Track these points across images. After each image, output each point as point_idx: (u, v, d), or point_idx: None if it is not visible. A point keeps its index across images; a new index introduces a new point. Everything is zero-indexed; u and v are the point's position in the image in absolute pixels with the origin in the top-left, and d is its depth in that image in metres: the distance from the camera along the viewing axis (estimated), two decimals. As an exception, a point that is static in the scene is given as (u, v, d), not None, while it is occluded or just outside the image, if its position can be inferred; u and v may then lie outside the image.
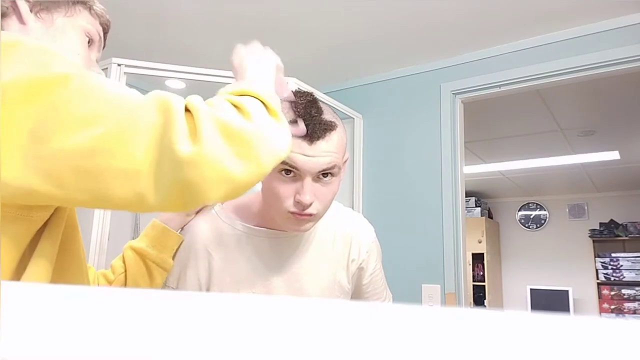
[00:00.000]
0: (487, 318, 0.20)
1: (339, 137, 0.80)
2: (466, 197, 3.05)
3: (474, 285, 5.39)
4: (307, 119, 0.77)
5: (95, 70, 0.71)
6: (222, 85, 0.60)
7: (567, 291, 5.37)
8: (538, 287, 5.58)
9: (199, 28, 2.05)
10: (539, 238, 5.84)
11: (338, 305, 0.22)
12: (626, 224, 5.25)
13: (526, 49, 2.06)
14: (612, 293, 5.09)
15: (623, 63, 1.86)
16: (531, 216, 5.96)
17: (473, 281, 5.41)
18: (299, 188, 0.77)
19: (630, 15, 1.84)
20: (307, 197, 0.76)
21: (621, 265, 5.14)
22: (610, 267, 5.18)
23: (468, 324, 0.20)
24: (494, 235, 5.87)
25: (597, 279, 5.22)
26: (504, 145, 3.82)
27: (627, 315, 5.01)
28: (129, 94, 0.49)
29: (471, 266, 5.44)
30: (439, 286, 2.10)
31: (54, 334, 0.21)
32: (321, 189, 0.79)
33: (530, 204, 5.99)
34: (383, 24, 1.98)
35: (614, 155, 3.96)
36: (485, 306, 5.31)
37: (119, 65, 1.69)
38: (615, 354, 0.18)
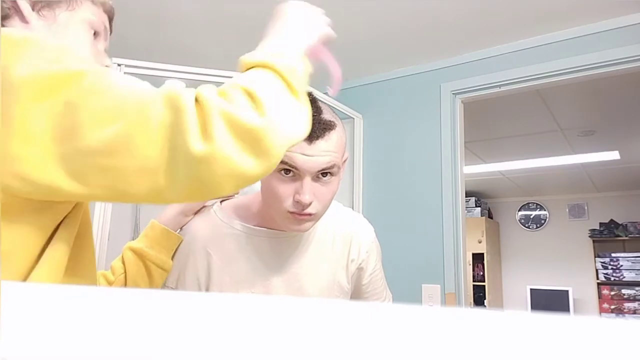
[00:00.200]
0: (487, 318, 0.20)
1: (339, 136, 0.80)
2: (466, 197, 3.04)
3: (474, 285, 5.39)
4: None
5: (104, 60, 0.70)
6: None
7: (567, 291, 5.37)
8: (538, 287, 5.58)
9: (199, 28, 2.05)
10: (539, 238, 5.83)
11: (338, 305, 0.22)
12: (626, 224, 5.25)
13: (526, 49, 2.06)
14: (612, 293, 5.09)
15: (623, 63, 1.86)
16: (531, 216, 5.95)
17: (473, 281, 5.40)
18: (298, 188, 0.77)
19: (630, 15, 1.84)
20: (306, 196, 0.76)
21: (621, 265, 5.13)
22: (610, 267, 5.18)
23: (468, 324, 0.20)
24: (494, 235, 5.87)
25: (597, 279, 5.22)
26: (504, 145, 3.82)
27: (627, 315, 5.00)
28: (141, 89, 0.50)
29: (471, 266, 5.44)
30: (439, 286, 2.10)
31: (54, 334, 0.21)
32: (320, 188, 0.79)
33: (530, 204, 5.98)
34: (383, 24, 1.98)
35: (614, 155, 3.96)
36: (485, 306, 5.31)
37: (119, 65, 1.69)
38: (615, 354, 0.18)
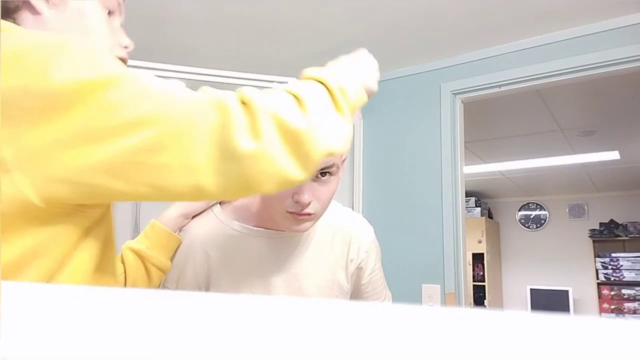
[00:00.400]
0: (487, 318, 0.20)
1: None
2: (466, 197, 3.04)
3: (474, 285, 5.39)
4: None
5: (122, 38, 0.70)
6: (222, 86, 0.60)
7: (567, 291, 5.37)
8: (538, 287, 5.58)
9: (199, 28, 2.05)
10: (539, 238, 5.83)
11: (337, 305, 0.22)
12: (626, 224, 5.25)
13: (526, 49, 2.06)
14: (612, 293, 5.09)
15: (623, 63, 1.85)
16: (531, 216, 5.95)
17: (473, 281, 5.40)
18: (297, 187, 0.77)
19: (630, 15, 1.84)
20: (305, 196, 0.76)
21: (621, 265, 5.13)
22: (610, 267, 5.18)
23: (468, 324, 0.20)
24: (494, 235, 5.87)
25: (597, 279, 5.22)
26: (504, 145, 3.82)
27: (627, 315, 5.01)
28: (180, 91, 0.51)
29: (471, 266, 5.44)
30: (439, 286, 2.10)
31: (54, 334, 0.21)
32: (320, 188, 0.79)
33: (530, 204, 5.98)
34: (383, 24, 1.98)
35: (614, 155, 3.96)
36: (485, 306, 5.31)
37: (119, 65, 1.69)
38: (615, 354, 0.18)
